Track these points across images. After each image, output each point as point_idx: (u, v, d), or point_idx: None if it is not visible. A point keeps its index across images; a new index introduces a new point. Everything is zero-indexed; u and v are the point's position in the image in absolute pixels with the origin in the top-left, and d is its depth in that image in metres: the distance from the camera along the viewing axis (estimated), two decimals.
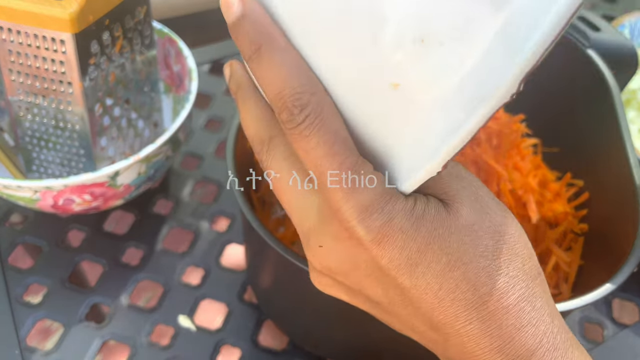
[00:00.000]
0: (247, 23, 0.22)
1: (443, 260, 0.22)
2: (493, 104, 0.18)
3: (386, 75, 0.20)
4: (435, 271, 0.22)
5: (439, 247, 0.21)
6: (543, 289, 0.23)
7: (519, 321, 0.22)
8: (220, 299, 0.47)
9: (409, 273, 0.22)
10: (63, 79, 0.41)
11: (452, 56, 0.19)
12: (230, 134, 0.38)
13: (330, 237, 0.23)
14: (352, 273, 0.23)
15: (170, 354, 0.44)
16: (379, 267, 0.22)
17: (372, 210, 0.21)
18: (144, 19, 0.45)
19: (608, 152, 0.42)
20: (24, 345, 0.44)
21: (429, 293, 0.22)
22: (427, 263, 0.21)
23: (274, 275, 0.41)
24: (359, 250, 0.22)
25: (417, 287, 0.22)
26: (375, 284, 0.23)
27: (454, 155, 0.20)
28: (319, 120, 0.21)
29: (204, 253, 0.50)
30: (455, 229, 0.22)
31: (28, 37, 0.40)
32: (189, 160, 0.57)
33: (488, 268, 0.22)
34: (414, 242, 0.21)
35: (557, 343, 0.23)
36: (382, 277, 0.22)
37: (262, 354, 0.45)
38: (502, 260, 0.22)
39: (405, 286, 0.22)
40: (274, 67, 0.21)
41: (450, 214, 0.22)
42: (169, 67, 0.54)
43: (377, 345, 0.41)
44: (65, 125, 0.44)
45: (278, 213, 0.44)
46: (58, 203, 0.44)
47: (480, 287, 0.22)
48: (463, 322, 0.22)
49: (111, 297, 0.47)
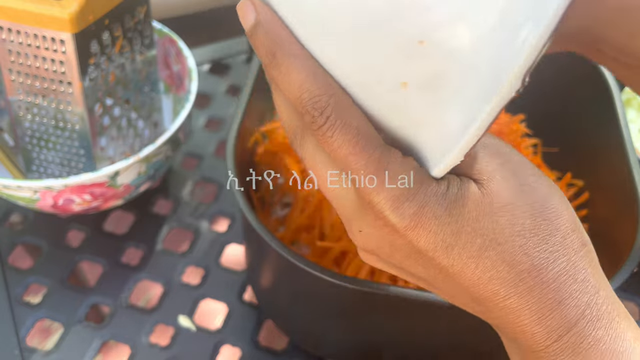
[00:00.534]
0: (261, 31, 0.22)
1: (477, 241, 0.22)
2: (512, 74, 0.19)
3: (396, 73, 0.21)
4: (470, 252, 0.22)
5: (473, 229, 0.22)
6: (589, 260, 0.23)
7: (558, 295, 0.22)
8: (220, 299, 0.48)
9: (446, 254, 0.22)
10: (63, 79, 0.41)
11: (458, 39, 0.19)
12: (230, 133, 0.38)
13: (367, 225, 0.23)
14: (393, 254, 0.24)
15: (170, 354, 0.44)
16: (417, 250, 0.23)
17: (404, 199, 0.22)
18: (143, 18, 0.45)
19: (608, 152, 0.42)
20: (23, 345, 0.44)
21: (467, 272, 0.22)
22: (462, 245, 0.22)
23: (273, 275, 0.41)
24: (396, 236, 0.23)
25: (455, 266, 0.23)
26: (415, 263, 0.24)
27: (480, 136, 0.20)
28: (340, 120, 0.22)
29: (204, 253, 0.50)
30: (490, 210, 0.22)
31: (28, 37, 0.40)
32: (188, 160, 0.57)
33: (525, 246, 0.22)
34: (448, 226, 0.22)
35: (601, 314, 0.23)
36: (421, 258, 0.23)
37: (262, 354, 0.45)
38: (540, 237, 0.22)
39: (443, 265, 0.23)
40: (291, 73, 0.22)
41: (484, 195, 0.22)
42: (168, 67, 0.54)
43: (377, 345, 0.41)
44: (65, 125, 0.44)
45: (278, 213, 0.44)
46: (58, 203, 0.44)
47: (516, 265, 0.22)
48: (502, 298, 0.23)
49: (111, 297, 0.47)
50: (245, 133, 0.41)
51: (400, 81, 0.21)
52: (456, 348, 0.40)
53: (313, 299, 0.39)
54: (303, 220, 0.41)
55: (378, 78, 0.21)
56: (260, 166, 0.45)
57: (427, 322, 0.37)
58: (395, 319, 0.37)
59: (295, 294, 0.40)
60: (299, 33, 0.22)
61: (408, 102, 0.21)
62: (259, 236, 0.34)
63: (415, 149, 0.22)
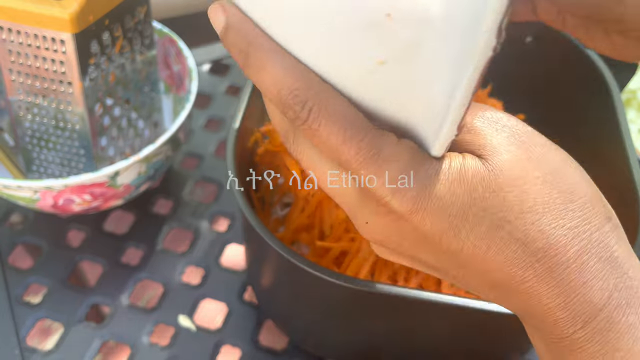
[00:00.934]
0: (232, 32, 0.22)
1: (486, 221, 0.21)
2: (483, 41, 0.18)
3: (371, 52, 0.20)
4: (479, 233, 0.21)
5: (480, 208, 0.20)
6: (615, 237, 0.21)
7: (582, 276, 0.20)
8: (220, 298, 0.48)
9: (454, 237, 0.21)
10: (63, 79, 0.41)
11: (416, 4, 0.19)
12: (230, 133, 0.38)
13: (371, 214, 0.22)
14: (402, 243, 0.23)
15: (170, 354, 0.44)
16: (424, 235, 0.22)
17: (403, 182, 0.21)
18: (144, 19, 0.45)
19: (608, 152, 0.42)
20: (24, 345, 0.44)
21: (478, 255, 0.21)
22: (470, 226, 0.21)
23: (274, 275, 0.41)
24: (401, 222, 0.22)
25: (464, 250, 0.21)
26: (425, 250, 0.23)
27: (467, 104, 0.20)
28: (323, 111, 0.21)
29: (204, 253, 0.50)
30: (497, 186, 0.21)
31: (28, 37, 0.40)
32: (188, 160, 0.57)
33: (538, 223, 0.20)
34: (453, 206, 0.21)
35: (630, 298, 0.21)
36: (429, 243, 0.22)
37: (262, 353, 0.45)
38: (555, 212, 0.21)
39: (452, 250, 0.21)
40: (266, 68, 0.21)
41: (489, 170, 0.21)
42: (169, 67, 0.54)
43: (376, 345, 0.41)
44: (65, 125, 0.44)
45: (278, 213, 0.44)
46: (58, 203, 0.44)
47: (530, 244, 0.20)
48: (519, 281, 0.21)
49: (111, 297, 0.47)
50: (246, 133, 0.41)
51: (377, 60, 0.20)
52: (456, 348, 0.40)
53: (313, 299, 0.39)
54: (303, 220, 0.41)
55: (355, 61, 0.21)
56: (260, 166, 0.45)
57: (427, 322, 0.37)
58: (395, 319, 0.37)
59: (295, 294, 0.40)
60: (271, 31, 0.22)
61: (390, 79, 0.21)
62: (259, 236, 0.34)
63: (412, 132, 0.22)
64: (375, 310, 0.37)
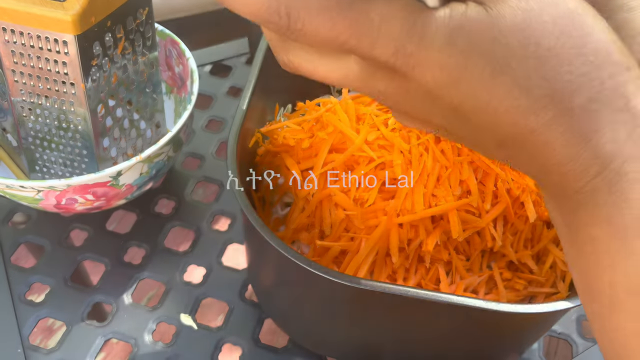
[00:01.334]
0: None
1: (487, 69, 0.19)
2: None
3: None
4: (480, 82, 0.20)
5: (480, 56, 0.19)
6: (634, 87, 0.20)
7: (591, 124, 0.19)
8: (222, 297, 0.48)
9: (455, 89, 0.20)
10: (66, 80, 0.42)
11: None
12: (231, 134, 0.39)
13: (380, 82, 0.22)
14: (410, 104, 0.22)
15: (172, 352, 0.45)
16: (427, 92, 0.21)
17: (401, 39, 0.19)
18: (145, 20, 0.45)
19: None
20: (26, 344, 0.44)
21: (480, 106, 0.20)
22: (470, 76, 0.20)
23: (274, 274, 0.42)
24: (405, 81, 0.21)
25: (467, 102, 0.20)
26: (431, 108, 0.22)
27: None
28: (300, 9, 0.20)
29: (205, 252, 0.51)
30: (499, 32, 0.19)
31: (31, 39, 0.40)
32: (190, 160, 0.57)
33: (542, 69, 0.19)
34: (453, 57, 0.19)
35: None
36: (433, 100, 0.21)
37: (263, 352, 0.45)
38: (561, 57, 0.19)
39: (455, 104, 0.21)
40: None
41: (492, 17, 0.19)
42: (170, 68, 0.54)
43: (376, 343, 0.41)
44: (68, 126, 0.44)
45: (278, 213, 0.45)
46: (61, 203, 0.44)
47: (533, 90, 0.19)
48: (524, 132, 0.20)
49: (113, 296, 0.47)
50: (246, 134, 0.42)
51: None
52: (454, 346, 0.40)
53: (313, 297, 0.39)
54: (303, 219, 0.42)
55: None
56: (260, 166, 0.45)
57: (426, 321, 0.37)
58: (394, 317, 0.37)
59: (296, 292, 0.40)
60: None
61: None
62: (259, 235, 0.34)
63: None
64: (375, 309, 0.37)
